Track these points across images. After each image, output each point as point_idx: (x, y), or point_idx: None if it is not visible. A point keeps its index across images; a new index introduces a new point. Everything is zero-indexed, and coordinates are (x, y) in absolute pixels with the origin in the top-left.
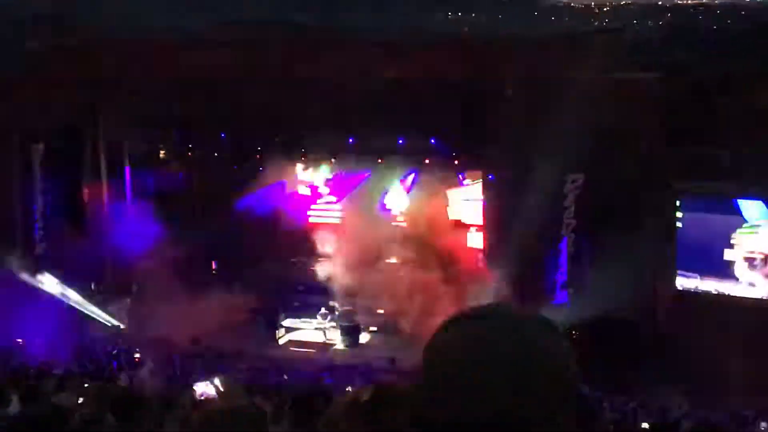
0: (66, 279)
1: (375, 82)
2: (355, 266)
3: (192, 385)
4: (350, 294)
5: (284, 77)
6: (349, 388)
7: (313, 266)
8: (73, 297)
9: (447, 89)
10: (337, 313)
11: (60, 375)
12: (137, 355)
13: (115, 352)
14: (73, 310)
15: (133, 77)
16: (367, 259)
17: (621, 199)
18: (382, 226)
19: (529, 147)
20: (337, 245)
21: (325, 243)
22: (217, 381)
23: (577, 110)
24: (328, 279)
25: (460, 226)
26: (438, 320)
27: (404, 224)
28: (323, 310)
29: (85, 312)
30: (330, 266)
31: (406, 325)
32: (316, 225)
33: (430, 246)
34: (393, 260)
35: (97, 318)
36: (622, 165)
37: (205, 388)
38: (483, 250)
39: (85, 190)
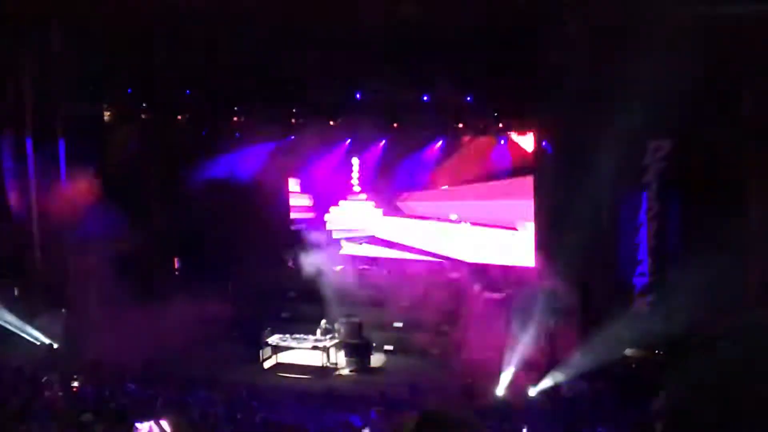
0: None
1: (388, 18)
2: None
3: (132, 426)
4: (358, 302)
5: (269, 14)
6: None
7: (309, 265)
8: None
9: (487, 27)
10: (340, 327)
11: None
12: (75, 384)
13: (45, 380)
14: None
15: (67, 16)
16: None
17: (721, 172)
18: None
19: (596, 104)
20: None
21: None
22: (164, 422)
23: (662, 54)
24: (329, 282)
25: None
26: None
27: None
28: (323, 323)
29: (5, 327)
30: (332, 265)
31: (430, 342)
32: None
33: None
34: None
35: (22, 335)
36: (721, 127)
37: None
38: (535, 245)
39: (5, 165)
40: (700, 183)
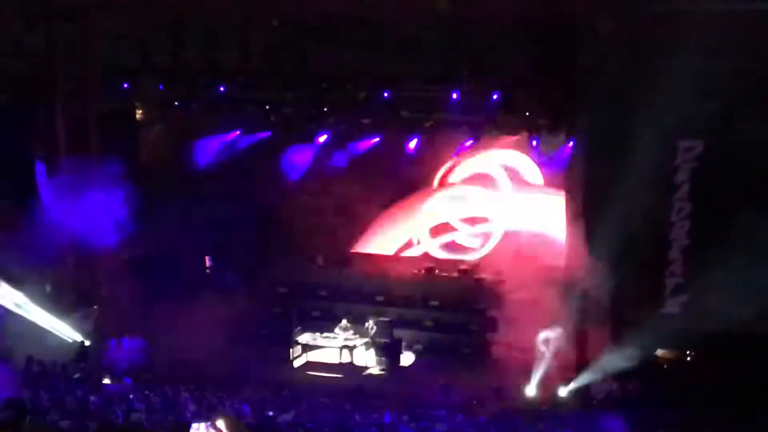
0: (11, 279)
1: (417, 15)
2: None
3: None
4: (388, 301)
5: (301, 12)
6: None
7: (339, 263)
8: (21, 303)
9: (517, 23)
10: (371, 325)
11: None
12: (106, 381)
13: (77, 376)
14: (20, 321)
15: (101, 11)
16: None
17: (754, 172)
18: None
19: (628, 103)
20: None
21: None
22: (220, 422)
23: (696, 51)
24: (359, 280)
25: None
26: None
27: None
28: (344, 322)
29: (37, 323)
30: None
31: (460, 342)
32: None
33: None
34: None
35: (54, 332)
36: (754, 127)
37: None
38: (566, 244)
39: (37, 162)
40: (734, 182)
